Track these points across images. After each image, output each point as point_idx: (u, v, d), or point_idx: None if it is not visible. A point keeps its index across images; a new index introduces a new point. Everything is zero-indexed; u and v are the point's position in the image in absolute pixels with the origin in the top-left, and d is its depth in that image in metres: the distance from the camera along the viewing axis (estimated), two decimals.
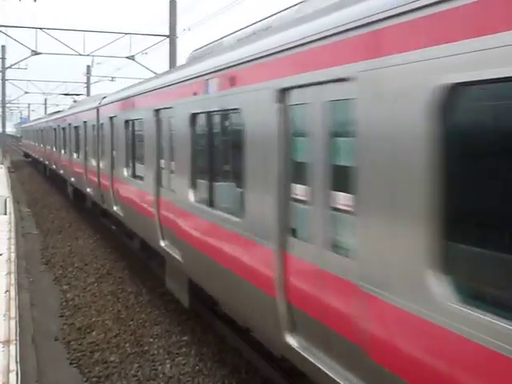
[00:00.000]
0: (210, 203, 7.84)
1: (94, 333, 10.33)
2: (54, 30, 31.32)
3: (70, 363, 9.17)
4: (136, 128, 12.57)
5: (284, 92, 5.55)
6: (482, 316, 3.30)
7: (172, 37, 29.52)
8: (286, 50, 5.47)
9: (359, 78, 4.34)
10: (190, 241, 8.62)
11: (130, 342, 9.87)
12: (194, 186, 8.50)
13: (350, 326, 4.58)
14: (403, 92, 3.87)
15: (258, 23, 7.80)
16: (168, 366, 8.91)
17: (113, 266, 15.06)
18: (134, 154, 12.84)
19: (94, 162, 18.11)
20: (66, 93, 69.42)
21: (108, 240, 18.33)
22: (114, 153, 14.79)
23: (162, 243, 10.34)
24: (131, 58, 31.96)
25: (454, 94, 3.48)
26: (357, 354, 4.54)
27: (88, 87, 62.22)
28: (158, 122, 10.49)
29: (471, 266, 3.57)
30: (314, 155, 5.11)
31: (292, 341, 5.66)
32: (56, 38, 30.54)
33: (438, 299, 3.62)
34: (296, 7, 6.69)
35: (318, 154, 5.03)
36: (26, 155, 63.02)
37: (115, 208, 14.71)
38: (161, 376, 8.58)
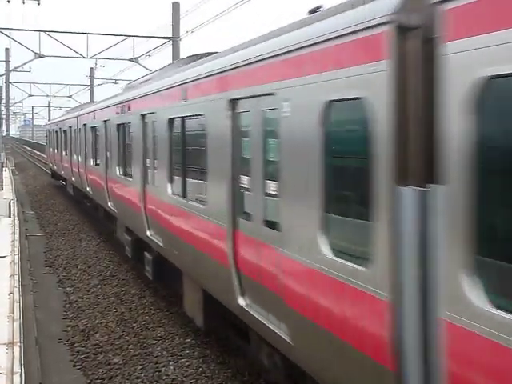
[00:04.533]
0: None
1: (97, 335, 10.35)
2: (58, 32, 31.32)
3: (74, 365, 9.19)
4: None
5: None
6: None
7: (175, 39, 29.55)
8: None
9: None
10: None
11: (134, 343, 9.88)
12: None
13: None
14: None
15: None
16: (171, 367, 8.92)
17: (116, 268, 15.08)
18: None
19: None
20: (69, 95, 69.61)
21: (111, 242, 18.35)
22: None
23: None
24: (135, 60, 32.00)
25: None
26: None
27: (91, 90, 62.28)
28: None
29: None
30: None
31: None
32: (60, 40, 30.57)
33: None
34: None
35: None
36: (56, 175, 35.55)
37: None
38: (164, 378, 8.59)
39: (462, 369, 3.60)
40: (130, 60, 32.48)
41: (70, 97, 72.44)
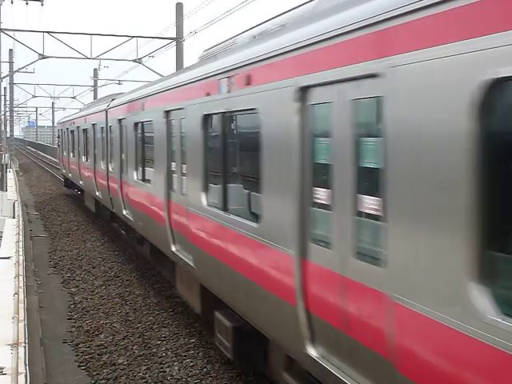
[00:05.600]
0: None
1: (101, 335, 10.36)
2: (62, 33, 31.38)
3: (79, 365, 9.20)
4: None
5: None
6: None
7: (179, 39, 29.58)
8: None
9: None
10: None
11: (138, 344, 9.89)
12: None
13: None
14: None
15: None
16: (176, 368, 8.93)
17: (120, 269, 15.10)
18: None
19: None
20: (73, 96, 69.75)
21: (116, 243, 18.37)
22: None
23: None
24: (138, 61, 32.03)
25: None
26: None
27: (95, 91, 62.36)
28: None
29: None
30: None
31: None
32: (63, 41, 30.60)
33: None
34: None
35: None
36: (71, 185, 30.33)
37: None
38: (169, 378, 8.60)
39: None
40: (133, 61, 32.50)
41: (74, 98, 72.57)
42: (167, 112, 10.47)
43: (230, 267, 7.42)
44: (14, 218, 20.16)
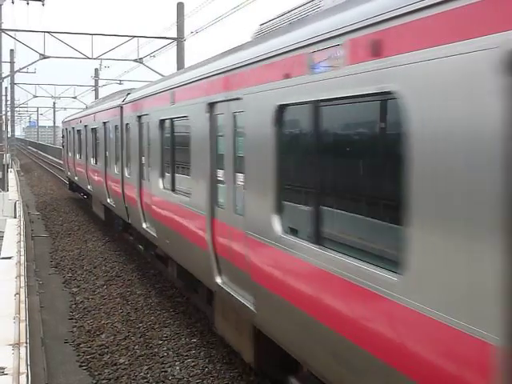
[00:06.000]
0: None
1: (103, 335, 10.35)
2: (62, 33, 31.38)
3: (80, 365, 9.20)
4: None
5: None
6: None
7: (180, 39, 29.57)
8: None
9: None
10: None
11: (140, 344, 9.88)
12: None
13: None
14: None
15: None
16: (177, 368, 8.92)
17: (122, 269, 15.09)
18: None
19: None
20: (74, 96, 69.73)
21: (117, 243, 18.37)
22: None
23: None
24: (139, 61, 32.03)
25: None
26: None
27: (96, 91, 62.39)
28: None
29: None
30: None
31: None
32: (64, 41, 30.60)
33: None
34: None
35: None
36: (76, 188, 28.78)
37: None
38: (170, 378, 8.59)
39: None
40: (134, 61, 32.50)
41: (75, 98, 72.58)
42: (212, 105, 8.15)
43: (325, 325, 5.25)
44: (15, 217, 20.16)
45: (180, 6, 29.41)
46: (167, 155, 10.77)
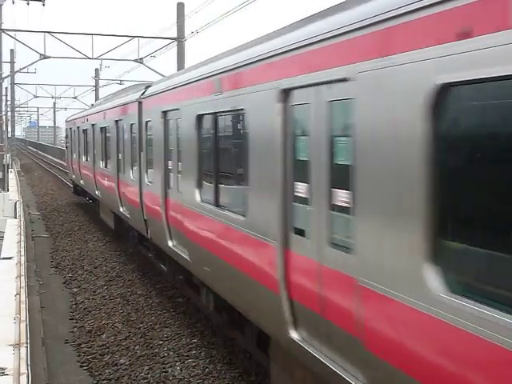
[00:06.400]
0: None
1: (103, 335, 10.35)
2: (63, 33, 31.37)
3: (81, 366, 9.19)
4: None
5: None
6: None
7: (180, 39, 29.56)
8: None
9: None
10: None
11: (140, 344, 9.88)
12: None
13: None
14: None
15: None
16: (178, 368, 8.92)
17: (122, 269, 15.09)
18: None
19: None
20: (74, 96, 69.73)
21: (117, 243, 18.36)
22: None
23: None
24: (139, 61, 32.02)
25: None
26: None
27: (96, 91, 62.39)
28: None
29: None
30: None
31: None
32: (64, 41, 30.59)
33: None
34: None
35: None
36: (80, 190, 26.76)
37: None
38: (171, 378, 8.59)
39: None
40: (134, 61, 32.48)
41: (75, 98, 72.58)
42: (287, 92, 5.89)
43: None
44: (15, 218, 20.15)
45: (180, 6, 29.40)
46: (207, 160, 8.63)
